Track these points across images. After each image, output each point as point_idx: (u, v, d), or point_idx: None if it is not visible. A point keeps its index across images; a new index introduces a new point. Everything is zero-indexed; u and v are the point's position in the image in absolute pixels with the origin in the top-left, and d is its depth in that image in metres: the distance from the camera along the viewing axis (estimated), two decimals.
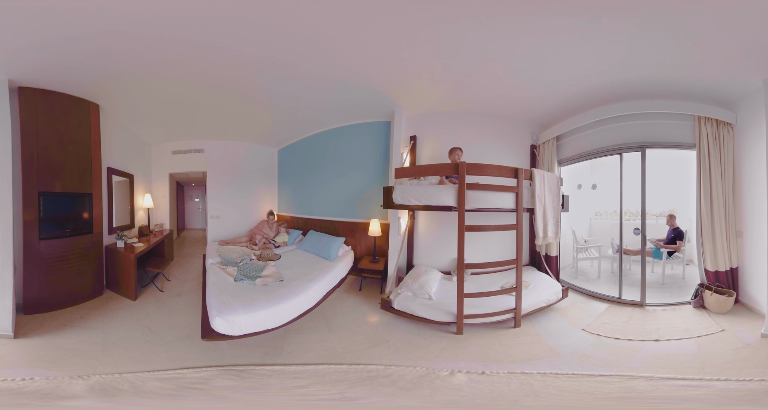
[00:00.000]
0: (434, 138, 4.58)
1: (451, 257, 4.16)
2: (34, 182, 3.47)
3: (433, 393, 2.31)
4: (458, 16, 2.53)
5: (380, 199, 3.86)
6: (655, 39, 2.74)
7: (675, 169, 4.62)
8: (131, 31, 2.63)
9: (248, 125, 5.66)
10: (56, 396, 2.21)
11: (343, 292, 4.32)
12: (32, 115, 3.45)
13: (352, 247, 5.19)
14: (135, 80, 3.57)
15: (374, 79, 3.66)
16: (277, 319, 3.09)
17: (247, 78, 3.61)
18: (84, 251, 3.92)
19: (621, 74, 3.36)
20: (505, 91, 3.90)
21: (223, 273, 3.98)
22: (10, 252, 3.12)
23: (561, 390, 2.32)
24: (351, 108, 4.69)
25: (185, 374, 2.55)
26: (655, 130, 3.95)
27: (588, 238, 5.73)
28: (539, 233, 3.66)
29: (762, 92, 3.16)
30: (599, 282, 4.72)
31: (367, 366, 2.67)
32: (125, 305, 3.83)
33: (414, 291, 3.63)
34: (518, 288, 3.40)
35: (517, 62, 3.22)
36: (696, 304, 3.67)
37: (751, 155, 3.52)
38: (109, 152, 4.53)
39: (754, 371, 2.47)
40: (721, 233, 3.71)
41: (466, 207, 3.21)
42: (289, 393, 2.33)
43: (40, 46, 2.79)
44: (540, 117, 4.56)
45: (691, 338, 3.06)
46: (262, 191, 6.98)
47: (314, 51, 3.03)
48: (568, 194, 4.32)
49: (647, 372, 2.53)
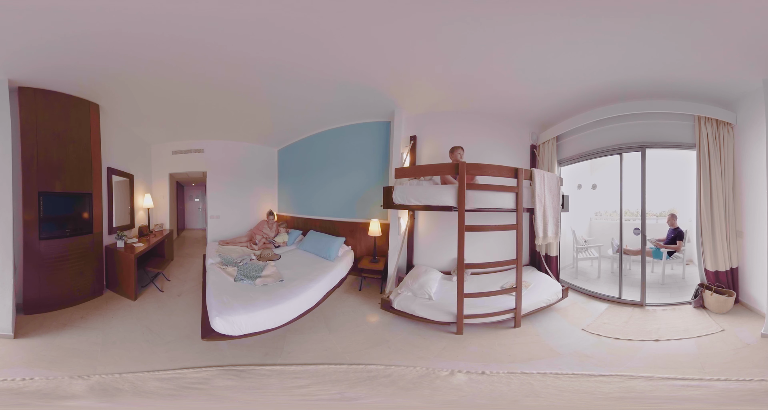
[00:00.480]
0: (434, 138, 4.58)
1: (451, 257, 4.16)
2: (34, 182, 3.47)
3: (433, 393, 2.31)
4: (459, 18, 2.53)
5: (380, 199, 3.87)
6: (655, 39, 2.74)
7: (675, 169, 4.62)
8: (131, 31, 2.63)
9: (248, 125, 5.66)
10: (56, 396, 2.21)
11: (343, 292, 4.32)
12: (32, 115, 3.45)
13: (352, 247, 5.19)
14: (135, 80, 3.56)
15: (374, 79, 3.66)
16: (277, 319, 3.10)
17: (247, 78, 3.61)
18: (84, 251, 3.92)
19: (621, 74, 3.35)
20: (505, 91, 3.90)
21: (223, 273, 3.98)
22: (10, 252, 3.12)
23: (561, 390, 2.32)
24: (351, 108, 4.69)
25: (185, 374, 2.55)
26: (655, 130, 3.95)
27: (588, 238, 5.73)
28: (539, 233, 3.66)
29: (762, 92, 3.16)
30: (599, 282, 4.72)
31: (367, 366, 2.66)
32: (125, 305, 3.83)
33: (414, 291, 3.63)
34: (518, 288, 3.40)
35: (518, 62, 3.22)
36: (696, 304, 3.67)
37: (751, 155, 3.52)
38: (109, 152, 4.53)
39: (754, 371, 2.47)
40: (721, 233, 3.71)
41: (466, 207, 3.22)
42: (289, 393, 2.33)
43: (40, 47, 2.79)
44: (540, 117, 4.56)
45: (691, 338, 3.06)
46: (262, 191, 6.99)
47: (315, 51, 3.03)
48: (568, 194, 4.32)
49: (647, 372, 2.53)
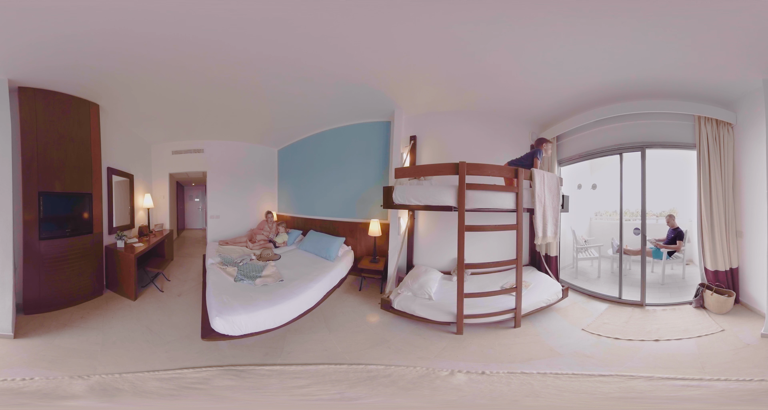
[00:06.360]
0: (434, 138, 4.58)
1: (451, 257, 4.16)
2: (34, 182, 3.47)
3: (433, 393, 2.31)
4: (461, 20, 2.55)
5: (380, 199, 3.86)
6: (655, 39, 2.74)
7: (675, 169, 4.61)
8: (131, 30, 2.63)
9: (248, 125, 5.65)
10: (56, 396, 2.21)
11: (343, 292, 4.32)
12: (32, 115, 3.45)
13: (352, 247, 5.19)
14: (135, 80, 3.56)
15: (375, 80, 3.66)
16: (277, 319, 3.10)
17: (248, 76, 3.60)
18: (84, 251, 3.92)
19: (621, 74, 3.35)
20: (505, 91, 3.89)
21: (223, 273, 3.98)
22: (10, 252, 3.12)
23: (561, 390, 2.32)
24: (351, 108, 4.69)
25: (185, 374, 2.55)
26: (655, 130, 3.95)
27: (588, 238, 5.73)
28: (539, 233, 3.66)
29: (762, 92, 3.16)
30: (599, 282, 4.72)
31: (367, 366, 2.67)
32: (125, 305, 3.83)
33: (414, 291, 3.63)
34: (518, 288, 3.40)
35: (518, 63, 3.22)
36: (696, 304, 3.67)
37: (751, 155, 3.52)
38: (109, 152, 4.53)
39: (754, 371, 2.47)
40: (721, 233, 3.71)
41: (466, 207, 3.21)
42: (289, 393, 2.33)
43: (40, 46, 2.78)
44: (540, 117, 4.56)
45: (691, 338, 3.06)
46: (262, 191, 6.98)
47: (316, 51, 3.03)
48: (568, 194, 4.32)
49: (647, 372, 2.54)
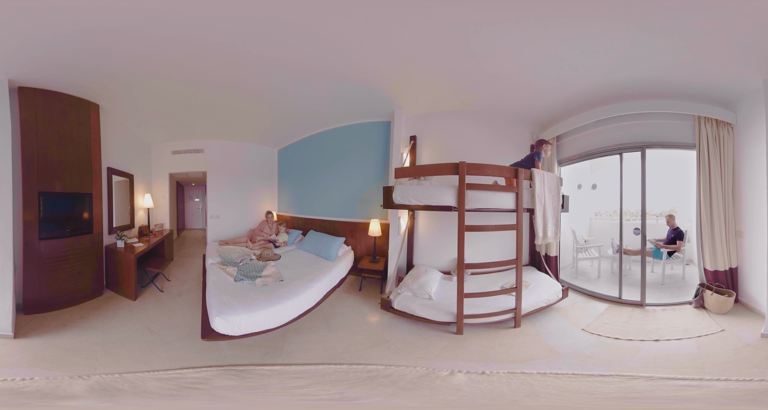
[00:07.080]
0: (434, 138, 4.58)
1: (451, 257, 4.16)
2: (34, 182, 3.47)
3: (433, 393, 2.31)
4: (462, 22, 2.55)
5: (380, 199, 3.86)
6: (655, 39, 2.74)
7: (675, 169, 4.61)
8: (131, 29, 2.63)
9: (248, 125, 5.65)
10: (56, 396, 2.21)
11: (343, 292, 4.32)
12: (32, 115, 3.45)
13: (352, 247, 5.19)
14: (135, 80, 3.56)
15: (375, 79, 3.65)
16: (277, 319, 3.10)
17: (248, 76, 3.60)
18: (84, 251, 3.92)
19: (621, 74, 3.35)
20: (505, 91, 3.89)
21: (223, 273, 3.98)
22: (10, 252, 3.12)
23: (561, 390, 2.32)
24: (351, 108, 4.68)
25: (185, 374, 2.55)
26: (655, 130, 3.95)
27: (588, 238, 5.73)
28: (539, 233, 3.66)
29: (762, 92, 3.16)
30: (599, 282, 4.72)
31: (367, 366, 2.67)
32: (125, 305, 3.83)
33: (414, 291, 3.63)
34: (518, 288, 3.40)
35: (518, 63, 3.22)
36: (696, 304, 3.67)
37: (751, 155, 3.52)
38: (109, 152, 4.52)
39: (754, 371, 2.47)
40: (721, 233, 3.71)
41: (466, 207, 3.21)
42: (289, 393, 2.33)
43: (40, 46, 2.78)
44: (540, 117, 4.56)
45: (691, 338, 3.06)
46: (262, 191, 6.98)
47: (316, 51, 3.03)
48: (568, 194, 4.32)
49: (647, 372, 2.54)
